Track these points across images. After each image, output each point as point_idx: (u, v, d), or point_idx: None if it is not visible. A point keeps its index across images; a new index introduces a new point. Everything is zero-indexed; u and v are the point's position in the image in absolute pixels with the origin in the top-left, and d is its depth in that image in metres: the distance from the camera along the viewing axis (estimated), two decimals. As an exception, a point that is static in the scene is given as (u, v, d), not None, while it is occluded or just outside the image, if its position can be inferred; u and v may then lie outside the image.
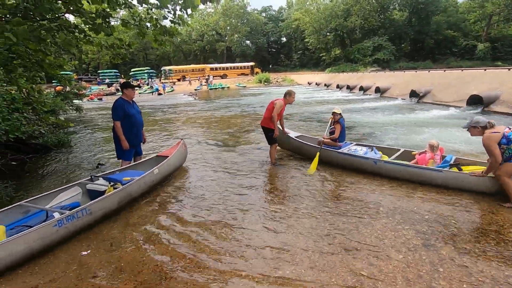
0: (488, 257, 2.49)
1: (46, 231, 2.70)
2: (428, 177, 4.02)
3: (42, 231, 2.67)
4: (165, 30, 5.11)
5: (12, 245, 2.47)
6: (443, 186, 3.92)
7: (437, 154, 4.34)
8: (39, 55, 5.18)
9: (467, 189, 3.77)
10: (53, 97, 10.43)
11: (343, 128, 5.17)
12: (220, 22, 54.67)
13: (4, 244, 2.43)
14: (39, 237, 2.64)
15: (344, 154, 4.88)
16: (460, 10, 46.47)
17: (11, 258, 2.47)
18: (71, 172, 5.40)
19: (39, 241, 2.65)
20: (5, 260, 2.43)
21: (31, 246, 2.59)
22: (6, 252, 2.43)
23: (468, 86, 12.31)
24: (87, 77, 42.14)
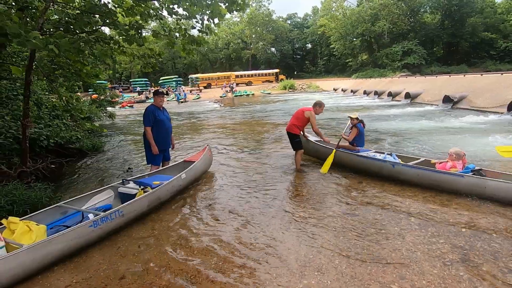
0: (536, 277, 2.27)
1: (82, 231, 2.85)
2: (447, 182, 3.82)
3: (79, 231, 2.82)
4: (193, 40, 5.29)
5: (53, 243, 2.63)
6: (464, 192, 3.70)
7: (460, 163, 4.04)
8: (77, 66, 5.56)
9: (489, 196, 3.52)
10: (89, 105, 11.10)
11: (361, 133, 5.11)
12: (245, 30, 55.68)
13: (46, 243, 2.59)
14: (76, 236, 2.79)
15: (362, 157, 4.79)
16: (499, 11, 43.76)
17: (51, 256, 2.63)
18: (104, 175, 5.68)
19: (76, 241, 2.80)
20: (46, 257, 2.59)
21: (69, 245, 2.74)
22: (47, 250, 2.59)
23: (508, 91, 11.47)
24: (120, 85, 44.48)
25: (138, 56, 5.73)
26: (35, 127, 5.74)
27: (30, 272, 2.50)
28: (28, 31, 3.05)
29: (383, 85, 23.02)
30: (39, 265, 2.55)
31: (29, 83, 4.67)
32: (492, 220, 3.16)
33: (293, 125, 5.19)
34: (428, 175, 4.00)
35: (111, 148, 8.34)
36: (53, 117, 7.07)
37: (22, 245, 2.51)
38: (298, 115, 5.19)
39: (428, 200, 3.75)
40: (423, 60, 39.66)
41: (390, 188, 4.20)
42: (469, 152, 5.78)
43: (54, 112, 7.22)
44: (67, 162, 6.54)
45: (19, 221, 2.78)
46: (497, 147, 3.60)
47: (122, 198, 3.83)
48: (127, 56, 5.73)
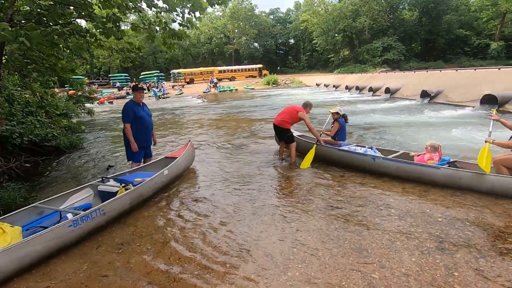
0: (505, 261, 2.41)
1: (61, 231, 2.75)
2: (425, 174, 4.00)
3: (57, 231, 2.72)
4: (174, 33, 5.17)
5: (30, 245, 2.52)
6: (441, 183, 3.89)
7: (436, 155, 4.24)
8: (52, 60, 5.31)
9: (465, 187, 3.73)
10: (66, 101, 10.66)
11: (342, 127, 5.31)
12: (228, 25, 55.09)
13: (22, 245, 2.47)
14: (55, 237, 2.69)
15: (344, 151, 4.94)
16: (472, 9, 45.51)
17: (29, 258, 2.52)
18: (82, 174, 5.50)
19: (55, 241, 2.70)
20: (24, 259, 2.48)
21: (48, 246, 2.64)
22: (24, 252, 2.48)
23: (481, 86, 12.01)
24: (99, 81, 42.99)
25: (116, 50, 5.54)
26: (6, 124, 5.46)
27: (6, 275, 2.39)
28: (-5, 22, 2.87)
29: (364, 81, 23.49)
30: (16, 267, 2.44)
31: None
32: (465, 210, 3.32)
33: (284, 120, 5.26)
34: (407, 168, 4.16)
35: (90, 146, 8.08)
36: (27, 113, 6.73)
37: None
38: (290, 112, 5.29)
39: (407, 192, 3.88)
40: (402, 56, 40.77)
41: (371, 181, 4.32)
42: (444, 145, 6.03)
43: (27, 108, 6.88)
44: (43, 161, 6.27)
45: None
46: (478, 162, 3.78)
47: (102, 197, 3.72)
48: (105, 50, 5.53)
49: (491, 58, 38.50)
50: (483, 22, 43.41)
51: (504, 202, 3.41)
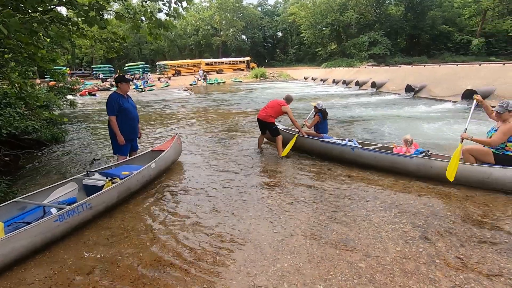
0: (484, 249, 2.52)
1: (47, 226, 2.67)
2: (400, 163, 4.21)
3: (43, 226, 2.64)
4: (160, 23, 5.03)
5: (14, 241, 2.44)
6: (414, 172, 4.10)
7: (412, 148, 4.48)
8: (31, 49, 5.07)
9: (435, 175, 3.93)
10: (46, 92, 10.26)
11: (321, 120, 5.61)
12: (215, 16, 54.21)
13: (6, 240, 2.39)
14: (40, 232, 2.62)
15: (325, 142, 5.14)
16: (455, 5, 46.59)
17: (13, 254, 2.44)
18: (66, 167, 5.34)
19: (41, 236, 2.62)
20: (7, 256, 2.41)
21: (33, 241, 2.57)
22: (8, 248, 2.40)
23: (463, 81, 12.38)
24: (81, 72, 41.54)
25: (100, 40, 5.35)
26: (-17, 116, 5.21)
27: None
28: (-31, 8, 2.71)
29: (351, 75, 23.75)
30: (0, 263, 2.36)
31: (-27, 67, 4.20)
32: (447, 200, 3.45)
33: (268, 115, 5.38)
34: (384, 157, 4.38)
35: (74, 139, 7.84)
36: (5, 105, 6.44)
37: None
38: (274, 107, 5.41)
39: (392, 184, 3.98)
40: (388, 50, 41.41)
41: (358, 174, 4.40)
42: (424, 137, 6.21)
43: (5, 100, 6.58)
44: (24, 154, 6.05)
45: None
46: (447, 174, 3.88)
47: (88, 191, 3.63)
48: (87, 39, 5.33)
49: (472, 54, 39.69)
50: (465, 18, 44.59)
51: (486, 192, 3.55)
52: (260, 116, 5.46)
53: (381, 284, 2.17)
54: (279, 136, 5.39)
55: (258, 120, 5.55)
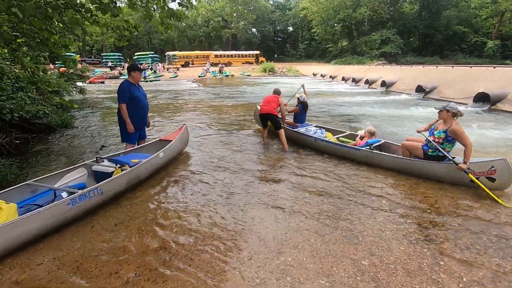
0: (489, 254, 2.51)
1: (60, 209, 2.74)
2: (351, 154, 4.83)
3: (56, 209, 2.71)
4: (172, 13, 5.02)
5: (29, 222, 2.50)
6: (361, 161, 4.69)
7: (364, 140, 5.02)
8: (44, 34, 5.11)
9: (376, 164, 4.52)
10: (57, 78, 10.37)
11: (300, 111, 6.25)
12: (226, 8, 53.71)
13: (21, 221, 2.46)
14: (53, 214, 2.68)
15: (295, 132, 5.81)
16: (472, 5, 45.42)
17: (27, 234, 2.51)
18: (75, 153, 5.43)
19: (53, 219, 2.69)
20: (21, 236, 2.47)
21: (46, 223, 2.63)
22: (23, 229, 2.47)
23: (475, 84, 12.15)
24: (90, 59, 41.77)
25: (112, 27, 5.37)
26: (-4, 99, 5.30)
27: (3, 252, 2.37)
28: (-14, -10, 2.74)
29: (361, 72, 23.47)
30: (14, 244, 2.43)
31: (-12, 50, 4.25)
32: (453, 202, 3.42)
33: (273, 108, 5.56)
34: (339, 148, 5.04)
35: (82, 125, 7.94)
36: (17, 89, 6.54)
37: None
38: (274, 101, 5.67)
39: (398, 184, 3.96)
40: (399, 49, 40.66)
41: (364, 172, 4.39)
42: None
43: (17, 83, 6.67)
44: (34, 138, 6.16)
45: None
46: None
47: (96, 177, 3.70)
48: (100, 27, 5.35)
49: (487, 56, 38.79)
50: (482, 19, 43.47)
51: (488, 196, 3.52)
52: (264, 111, 5.59)
53: (384, 282, 2.18)
54: (281, 130, 5.51)
55: (262, 115, 5.66)
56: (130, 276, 2.23)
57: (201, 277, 2.22)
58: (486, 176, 3.64)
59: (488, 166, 3.62)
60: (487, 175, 3.63)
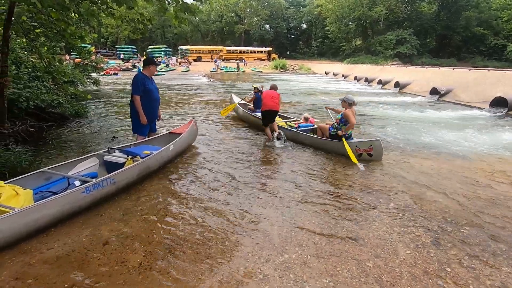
0: (497, 262, 2.45)
1: (75, 197, 2.81)
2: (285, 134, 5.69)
3: (71, 197, 2.78)
4: (186, 7, 5.04)
5: (45, 208, 2.57)
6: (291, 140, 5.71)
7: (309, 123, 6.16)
8: (61, 25, 5.22)
9: (300, 142, 5.63)
10: (72, 69, 10.56)
11: (257, 99, 7.06)
12: (240, 3, 53.57)
13: (39, 207, 2.53)
14: (68, 202, 2.75)
15: (249, 114, 7.02)
16: (494, 7, 43.97)
17: (43, 220, 2.58)
18: (87, 142, 5.54)
19: (68, 206, 2.76)
20: (38, 222, 2.54)
21: (61, 210, 2.70)
22: (39, 215, 2.54)
23: (493, 88, 11.80)
24: (105, 51, 42.38)
25: (127, 20, 5.43)
26: (13, 87, 5.45)
27: (19, 236, 2.44)
28: (7, -20, 2.80)
29: (374, 72, 23.12)
30: (30, 229, 2.50)
31: (7, 38, 4.37)
32: (461, 208, 3.35)
33: (278, 104, 5.86)
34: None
35: (95, 116, 8.09)
36: (33, 78, 6.70)
37: (13, 208, 2.44)
38: (277, 96, 5.91)
39: (408, 185, 3.90)
40: (415, 50, 39.84)
41: (373, 174, 4.34)
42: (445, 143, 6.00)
43: (34, 73, 6.84)
44: (48, 127, 6.31)
45: (5, 185, 2.69)
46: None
47: (108, 167, 3.77)
48: (115, 19, 5.42)
49: (506, 60, 37.61)
50: (503, 21, 42.03)
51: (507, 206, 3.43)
52: (273, 107, 5.72)
53: (388, 285, 2.16)
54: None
55: (270, 112, 5.73)
56: (136, 265, 2.27)
57: (205, 270, 2.25)
58: (367, 152, 4.87)
59: (368, 145, 4.86)
60: (367, 152, 4.86)
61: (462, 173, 4.48)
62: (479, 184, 4.08)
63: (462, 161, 5.04)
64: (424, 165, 4.78)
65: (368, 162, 4.77)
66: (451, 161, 5.03)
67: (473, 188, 3.92)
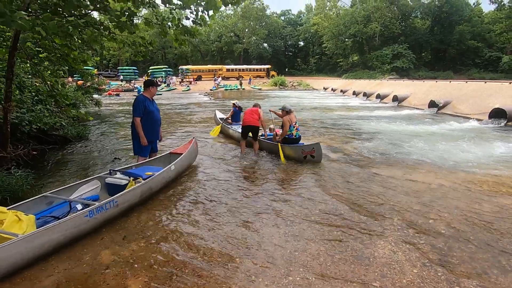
0: (509, 279, 2.39)
1: (78, 221, 2.78)
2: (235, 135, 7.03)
3: (74, 221, 2.75)
4: (186, 30, 5.19)
5: (50, 233, 2.55)
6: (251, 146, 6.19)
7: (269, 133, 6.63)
8: (64, 50, 5.37)
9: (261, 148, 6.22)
10: (75, 91, 10.75)
11: (235, 113, 8.29)
12: (238, 24, 55.09)
13: (43, 232, 2.50)
14: (72, 226, 2.72)
15: (228, 127, 7.80)
16: (486, 20, 45.08)
17: (47, 246, 2.55)
18: (88, 164, 5.55)
19: (71, 231, 2.73)
20: (42, 247, 2.51)
21: (65, 235, 2.67)
22: (43, 240, 2.51)
23: (490, 99, 11.91)
24: (107, 72, 43.21)
25: (128, 44, 5.58)
26: (17, 111, 5.52)
27: (24, 263, 2.40)
28: (13, 11, 2.91)
29: (372, 87, 23.40)
30: (33, 256, 2.46)
31: (12, 65, 4.48)
32: (467, 222, 3.30)
33: (257, 120, 6.02)
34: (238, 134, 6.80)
35: (96, 137, 8.14)
36: (36, 101, 6.81)
37: (16, 235, 2.40)
38: (257, 112, 6.08)
39: (411, 200, 3.86)
40: (411, 64, 40.49)
41: (374, 189, 4.30)
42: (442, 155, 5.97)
43: (37, 96, 6.95)
44: (50, 149, 6.34)
45: (8, 211, 2.67)
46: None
47: (110, 189, 3.76)
48: (117, 43, 5.57)
49: (502, 71, 38.07)
50: (496, 34, 42.97)
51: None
52: (251, 123, 5.96)
53: (396, 306, 2.09)
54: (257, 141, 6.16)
55: (247, 127, 5.99)
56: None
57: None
58: (310, 154, 5.40)
59: (311, 148, 5.40)
60: (310, 154, 5.40)
61: (466, 186, 4.44)
62: (484, 197, 4.03)
63: (465, 174, 5.00)
64: (427, 179, 4.75)
65: (373, 177, 4.74)
66: (455, 174, 5.00)
67: (478, 202, 3.87)
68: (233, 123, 8.12)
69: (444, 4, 42.56)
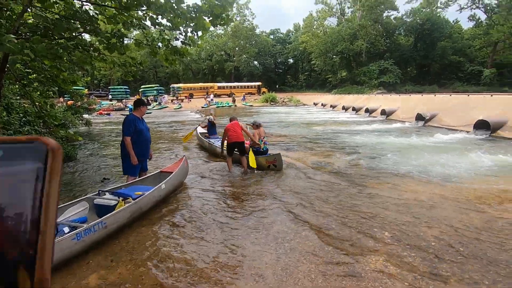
0: None
1: (65, 244, 2.71)
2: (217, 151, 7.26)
3: (61, 244, 2.67)
4: (176, 50, 5.29)
5: None
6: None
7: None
8: (54, 71, 5.38)
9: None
10: (64, 111, 10.69)
11: (209, 127, 9.49)
12: (229, 43, 56.32)
13: None
14: (58, 250, 2.64)
15: (204, 140, 8.64)
16: (466, 36, 47.25)
17: None
18: (77, 186, 5.44)
19: (58, 255, 2.64)
20: None
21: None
22: None
23: (474, 111, 12.30)
24: (98, 92, 43.17)
25: (119, 64, 5.64)
26: (3, 133, 5.45)
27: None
28: (2, 34, 2.94)
29: (361, 102, 23.93)
30: None
31: (0, 87, 4.46)
32: (456, 234, 3.33)
33: (241, 135, 6.02)
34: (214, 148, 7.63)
35: (85, 157, 8.04)
36: (24, 123, 6.74)
37: None
38: (239, 127, 6.07)
39: (401, 213, 3.89)
40: (398, 79, 41.78)
41: (363, 203, 4.33)
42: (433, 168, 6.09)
43: (25, 117, 6.89)
44: (37, 171, 6.20)
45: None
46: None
47: (98, 210, 3.68)
48: (107, 64, 5.63)
49: (484, 84, 39.58)
50: (476, 49, 45.00)
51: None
52: (237, 139, 5.94)
53: (389, 322, 2.07)
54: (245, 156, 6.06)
55: (233, 144, 5.96)
56: (124, 316, 2.15)
57: (198, 317, 2.13)
58: (272, 164, 6.05)
59: (273, 158, 6.05)
60: (273, 163, 6.04)
61: (455, 197, 4.50)
62: (472, 208, 4.09)
63: (454, 185, 5.09)
64: (416, 191, 4.81)
65: (362, 191, 4.78)
66: (443, 186, 5.08)
67: (466, 213, 3.93)
68: (210, 137, 9.09)
69: (425, 22, 44.62)
